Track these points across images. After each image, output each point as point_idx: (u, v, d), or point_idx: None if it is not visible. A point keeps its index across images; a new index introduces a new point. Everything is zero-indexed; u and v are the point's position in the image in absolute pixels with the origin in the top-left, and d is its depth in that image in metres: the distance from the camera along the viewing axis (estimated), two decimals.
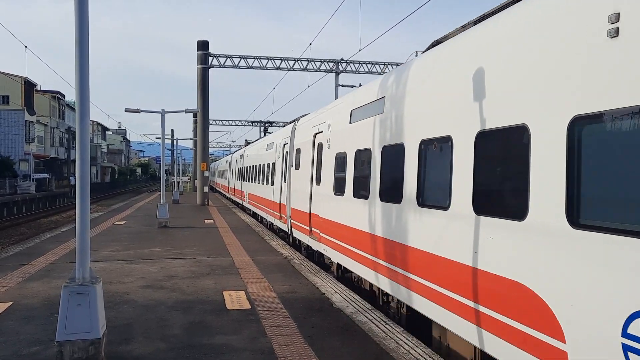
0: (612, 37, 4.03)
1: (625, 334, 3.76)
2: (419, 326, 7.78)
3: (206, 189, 35.16)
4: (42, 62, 31.48)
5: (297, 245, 16.08)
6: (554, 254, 4.47)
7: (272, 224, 20.69)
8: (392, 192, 7.99)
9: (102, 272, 11.35)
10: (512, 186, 5.25)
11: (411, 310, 7.68)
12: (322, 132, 12.66)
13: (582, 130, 4.26)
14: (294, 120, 17.91)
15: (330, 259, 11.68)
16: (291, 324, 7.66)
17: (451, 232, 6.21)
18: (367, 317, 8.01)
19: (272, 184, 19.66)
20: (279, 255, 13.91)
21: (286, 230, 16.93)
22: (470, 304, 5.67)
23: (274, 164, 19.65)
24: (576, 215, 4.26)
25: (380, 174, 8.55)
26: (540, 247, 4.65)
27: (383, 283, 8.42)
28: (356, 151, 9.79)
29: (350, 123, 10.39)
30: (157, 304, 8.79)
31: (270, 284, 10.34)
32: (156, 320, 7.82)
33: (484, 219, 5.56)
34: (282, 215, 17.30)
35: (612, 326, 3.84)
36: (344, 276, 11.35)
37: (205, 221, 23.65)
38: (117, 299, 9.09)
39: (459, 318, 5.91)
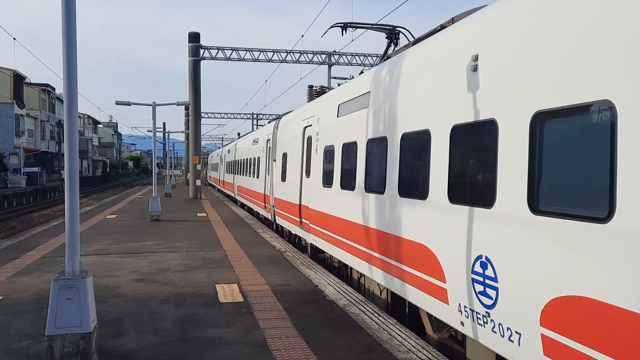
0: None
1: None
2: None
3: (198, 182, 35.03)
4: (32, 55, 31.11)
5: None
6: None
7: None
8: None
9: (93, 266, 11.27)
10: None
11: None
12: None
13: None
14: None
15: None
16: (284, 316, 7.64)
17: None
18: (360, 309, 8.00)
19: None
20: (272, 248, 13.88)
21: None
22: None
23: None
24: None
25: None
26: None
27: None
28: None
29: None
30: (149, 297, 8.73)
31: (263, 276, 10.31)
32: (148, 314, 7.77)
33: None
34: None
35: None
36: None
37: (198, 214, 23.56)
38: (108, 292, 9.02)
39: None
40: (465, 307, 5.64)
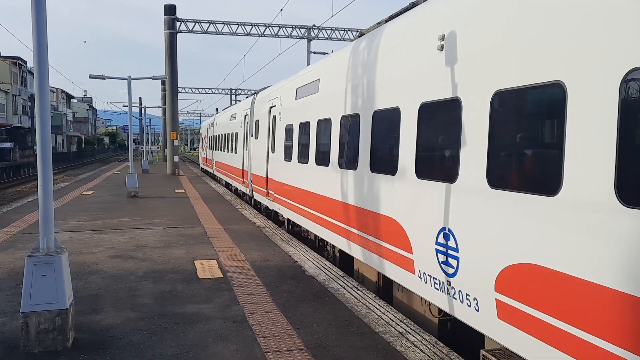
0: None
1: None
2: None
3: (176, 158, 34.66)
4: (1, 26, 30.07)
5: None
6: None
7: None
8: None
9: (69, 242, 11.11)
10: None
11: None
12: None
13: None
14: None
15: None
16: (264, 291, 7.65)
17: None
18: (339, 284, 8.05)
19: None
20: (251, 224, 13.84)
21: None
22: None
23: None
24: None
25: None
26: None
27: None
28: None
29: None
30: (126, 273, 8.65)
31: (242, 252, 10.29)
32: (126, 290, 7.70)
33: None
34: None
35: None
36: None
37: (176, 191, 23.35)
38: (85, 269, 8.91)
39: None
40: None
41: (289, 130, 12.51)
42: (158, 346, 5.65)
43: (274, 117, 14.25)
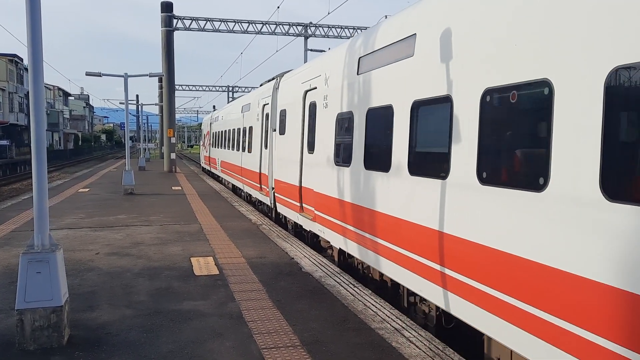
0: None
1: None
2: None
3: (173, 155, 34.62)
4: None
5: None
6: None
7: None
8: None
9: (65, 239, 11.09)
10: None
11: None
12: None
13: None
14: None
15: None
16: (260, 288, 7.64)
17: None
18: (335, 281, 8.05)
19: None
20: (247, 221, 13.83)
21: None
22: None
23: None
24: None
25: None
26: None
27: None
28: None
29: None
30: (122, 271, 8.64)
31: (239, 249, 10.28)
32: (122, 287, 7.69)
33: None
34: None
35: None
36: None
37: (173, 188, 23.31)
38: (81, 266, 8.89)
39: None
40: None
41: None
42: (154, 343, 5.65)
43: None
